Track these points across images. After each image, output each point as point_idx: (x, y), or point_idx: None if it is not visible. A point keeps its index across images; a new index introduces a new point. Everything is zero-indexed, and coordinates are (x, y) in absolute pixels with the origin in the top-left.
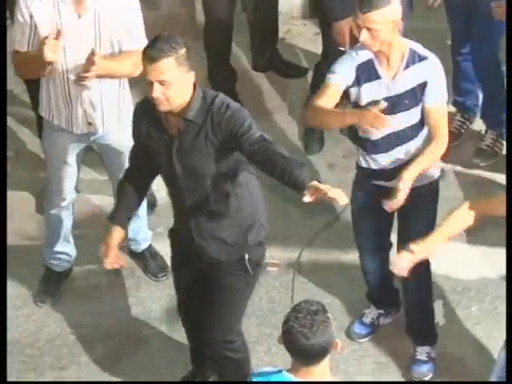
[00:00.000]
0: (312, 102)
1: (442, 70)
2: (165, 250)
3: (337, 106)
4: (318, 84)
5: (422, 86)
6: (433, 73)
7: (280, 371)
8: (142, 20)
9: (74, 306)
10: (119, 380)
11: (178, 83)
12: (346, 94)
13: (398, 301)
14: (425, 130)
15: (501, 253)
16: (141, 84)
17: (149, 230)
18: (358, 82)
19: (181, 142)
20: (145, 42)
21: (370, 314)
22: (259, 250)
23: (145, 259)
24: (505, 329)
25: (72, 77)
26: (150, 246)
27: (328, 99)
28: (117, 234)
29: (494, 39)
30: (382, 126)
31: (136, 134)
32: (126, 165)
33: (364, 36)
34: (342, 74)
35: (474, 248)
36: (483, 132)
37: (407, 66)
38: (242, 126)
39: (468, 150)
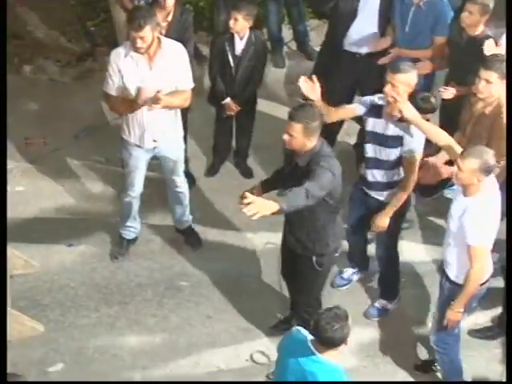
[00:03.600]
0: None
1: (418, 131)
2: None
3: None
4: None
5: (401, 139)
6: (409, 132)
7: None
8: (190, 69)
9: (136, 263)
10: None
11: (299, 139)
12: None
13: (368, 264)
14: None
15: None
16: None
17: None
18: (367, 115)
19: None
20: (192, 84)
21: (347, 271)
22: (324, 257)
23: (185, 235)
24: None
25: (145, 109)
26: (190, 225)
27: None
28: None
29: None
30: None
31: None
32: (178, 169)
33: (388, 88)
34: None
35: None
36: None
37: (398, 121)
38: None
39: None
